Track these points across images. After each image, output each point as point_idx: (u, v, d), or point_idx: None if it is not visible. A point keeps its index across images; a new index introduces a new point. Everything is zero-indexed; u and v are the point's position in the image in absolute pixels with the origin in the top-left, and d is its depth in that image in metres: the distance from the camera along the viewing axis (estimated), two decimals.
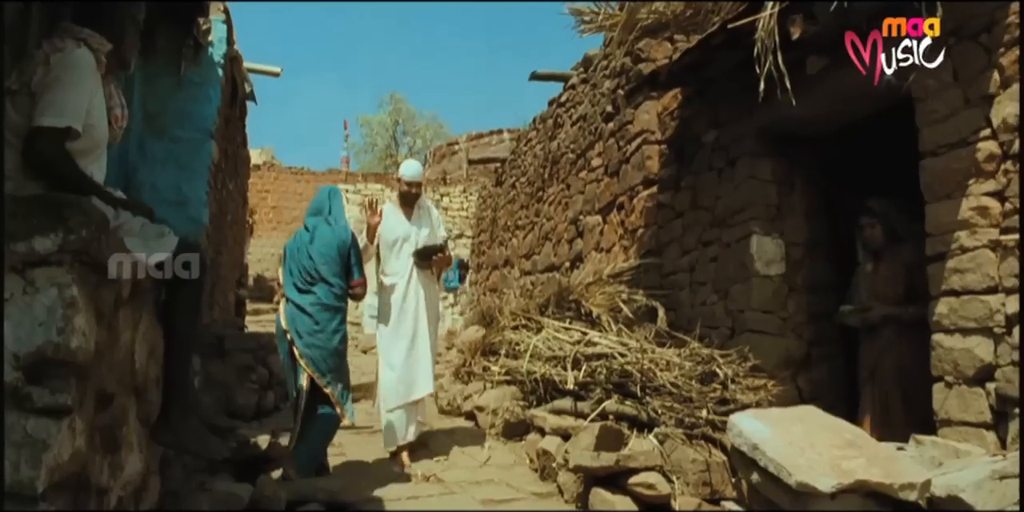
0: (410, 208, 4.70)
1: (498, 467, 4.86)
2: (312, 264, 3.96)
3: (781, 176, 4.49)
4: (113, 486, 1.74)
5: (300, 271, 3.99)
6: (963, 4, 3.04)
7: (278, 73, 7.80)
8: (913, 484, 2.30)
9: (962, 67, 3.09)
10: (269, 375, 7.03)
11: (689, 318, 4.99)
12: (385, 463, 4.98)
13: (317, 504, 2.72)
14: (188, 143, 5.92)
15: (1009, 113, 2.87)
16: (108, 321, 1.66)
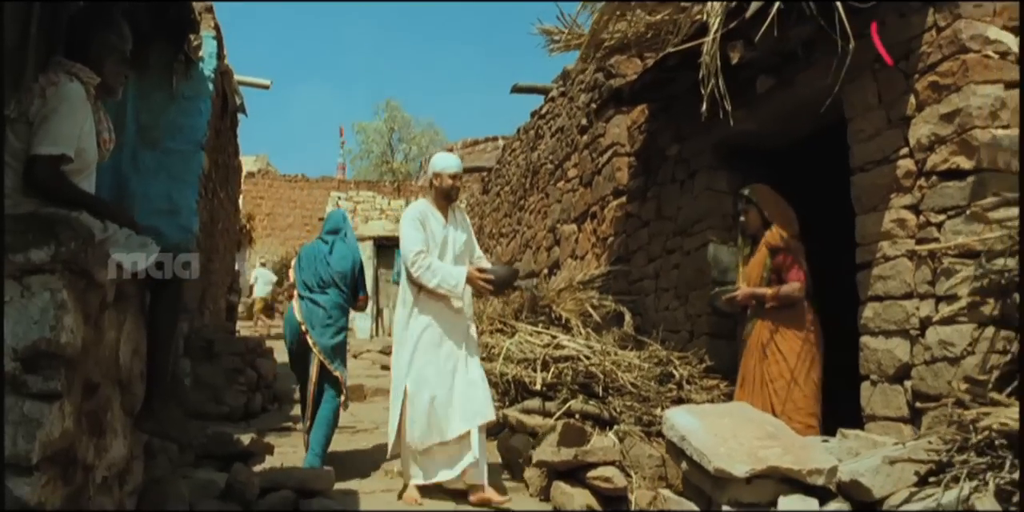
0: (446, 208, 4.07)
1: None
2: (329, 271, 4.62)
3: (737, 187, 4.75)
4: (98, 465, 1.99)
5: (316, 275, 4.64)
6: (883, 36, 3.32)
7: (268, 85, 8.08)
8: (820, 470, 2.56)
9: (885, 90, 3.37)
10: (257, 377, 7.27)
11: (654, 322, 5.25)
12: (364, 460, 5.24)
13: (288, 490, 2.97)
14: (179, 154, 6.15)
15: (922, 134, 3.14)
16: (94, 321, 1.92)
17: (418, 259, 3.83)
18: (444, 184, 4.05)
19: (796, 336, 3.57)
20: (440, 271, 3.83)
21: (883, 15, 3.35)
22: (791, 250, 3.73)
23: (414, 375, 3.86)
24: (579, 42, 4.71)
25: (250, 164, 23.13)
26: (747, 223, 4.03)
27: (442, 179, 4.05)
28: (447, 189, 4.05)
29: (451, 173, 4.05)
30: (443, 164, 4.10)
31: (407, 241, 3.90)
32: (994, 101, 2.93)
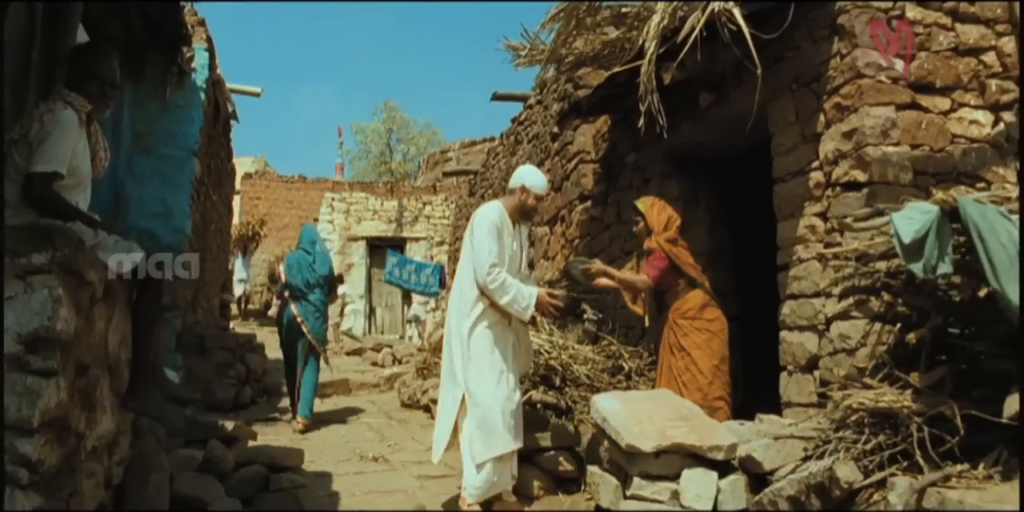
0: (519, 222, 3.92)
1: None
2: (315, 276, 6.28)
3: (687, 194, 5.14)
4: (89, 435, 2.37)
5: (304, 280, 6.26)
6: (800, 60, 3.69)
7: (258, 93, 8.45)
8: (720, 446, 2.93)
9: (801, 109, 3.74)
10: (247, 371, 7.66)
11: (613, 319, 5.62)
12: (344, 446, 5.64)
13: (260, 465, 3.35)
14: (172, 160, 6.51)
15: (829, 149, 3.51)
16: (85, 313, 2.29)
17: (492, 272, 3.61)
18: (528, 202, 3.84)
19: (699, 332, 3.91)
20: (512, 289, 3.63)
21: (799, 41, 3.73)
22: (664, 252, 4.01)
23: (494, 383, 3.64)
24: (540, 58, 5.07)
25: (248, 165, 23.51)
26: (638, 231, 4.30)
27: (528, 196, 3.82)
28: (530, 208, 3.89)
29: (538, 194, 3.85)
30: (532, 181, 3.86)
31: (483, 251, 3.65)
32: (885, 121, 3.30)
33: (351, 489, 4.33)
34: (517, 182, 3.90)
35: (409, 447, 5.67)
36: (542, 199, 3.94)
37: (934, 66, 3.44)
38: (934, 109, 3.42)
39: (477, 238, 3.70)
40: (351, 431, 6.38)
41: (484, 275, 3.61)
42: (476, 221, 3.78)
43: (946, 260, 2.33)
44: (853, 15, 3.38)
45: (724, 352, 3.92)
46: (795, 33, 3.70)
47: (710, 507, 2.80)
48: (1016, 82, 3.51)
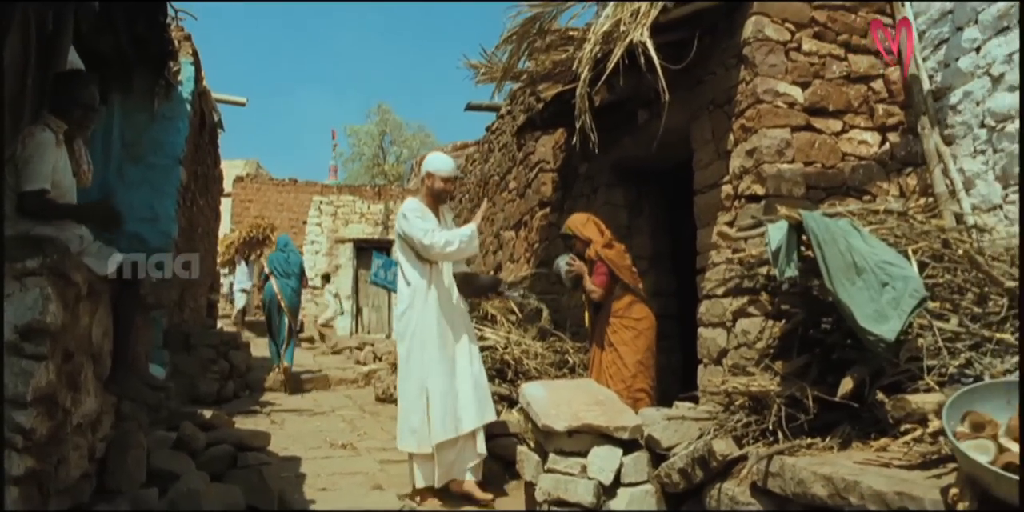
0: (438, 208, 4.11)
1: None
2: (289, 267, 8.91)
3: (631, 202, 5.58)
4: (75, 412, 2.79)
5: (283, 270, 8.86)
6: (715, 84, 4.13)
7: (244, 103, 8.88)
8: (625, 427, 3.37)
9: (716, 128, 4.19)
10: (230, 367, 8.09)
11: (567, 318, 6.06)
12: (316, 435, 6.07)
13: (229, 445, 3.78)
14: (160, 168, 6.93)
15: (736, 165, 3.96)
16: (71, 309, 2.72)
17: (430, 235, 3.81)
18: (436, 186, 3.99)
19: (626, 329, 4.35)
20: (454, 234, 3.89)
21: (714, 68, 4.17)
22: (602, 259, 4.43)
23: (424, 369, 3.86)
24: (495, 76, 5.51)
25: (240, 168, 23.90)
26: (577, 249, 4.63)
27: (434, 180, 3.98)
28: (438, 191, 4.01)
29: (444, 176, 3.99)
30: (436, 166, 4.01)
31: (416, 227, 3.85)
32: (780, 142, 3.75)
33: (317, 471, 4.78)
34: (423, 170, 4.08)
35: (377, 436, 6.11)
36: (450, 181, 4.01)
37: (827, 92, 3.89)
38: (827, 130, 3.86)
39: (405, 226, 3.89)
40: (325, 422, 6.81)
41: (425, 239, 3.80)
42: (398, 217, 4.04)
43: (791, 266, 2.77)
44: (755, 47, 3.82)
45: (649, 348, 4.35)
46: (711, 60, 4.15)
47: (611, 479, 3.23)
48: (901, 107, 3.96)
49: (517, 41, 5.15)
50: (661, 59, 3.91)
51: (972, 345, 2.83)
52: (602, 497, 3.23)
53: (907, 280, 2.69)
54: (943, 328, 2.80)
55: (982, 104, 3.65)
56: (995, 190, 3.60)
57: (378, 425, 6.66)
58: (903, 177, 3.90)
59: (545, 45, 5.21)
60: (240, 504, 3.54)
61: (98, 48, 5.43)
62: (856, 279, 2.72)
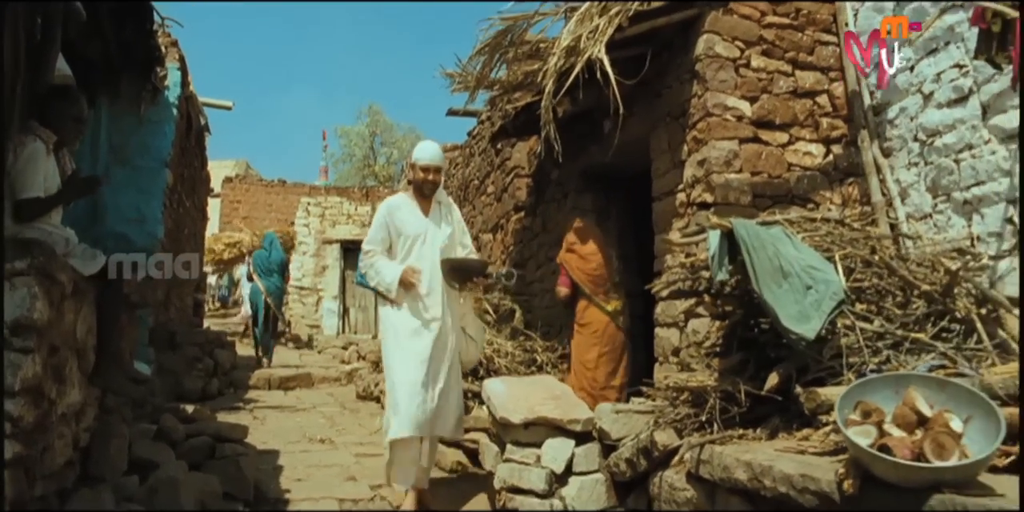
0: (427, 201, 3.90)
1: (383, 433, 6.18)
2: (270, 265, 9.93)
3: (600, 207, 5.82)
4: (60, 402, 3.00)
5: (264, 267, 9.94)
6: (671, 98, 4.38)
7: (230, 107, 9.08)
8: (578, 419, 3.60)
9: (672, 139, 4.43)
10: (215, 365, 8.29)
11: (540, 318, 6.30)
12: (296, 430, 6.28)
13: (207, 437, 3.99)
14: (146, 171, 7.13)
15: (689, 174, 4.20)
16: (57, 306, 2.93)
17: (365, 258, 3.84)
18: (416, 177, 3.87)
19: (579, 333, 4.60)
20: (381, 271, 3.80)
21: (671, 82, 4.41)
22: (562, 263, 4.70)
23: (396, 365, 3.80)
24: (469, 85, 5.73)
25: (230, 169, 24.06)
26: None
27: (414, 171, 3.88)
28: (417, 182, 3.87)
29: (421, 164, 3.84)
30: (416, 155, 3.90)
31: (370, 233, 3.91)
32: (728, 153, 3.99)
33: (294, 463, 5.00)
34: (409, 162, 4.02)
35: (355, 432, 6.33)
36: (428, 170, 3.83)
37: (774, 106, 4.14)
38: (774, 142, 4.11)
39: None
40: (306, 419, 7.02)
41: (360, 262, 3.91)
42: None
43: (723, 269, 3.01)
44: (706, 63, 4.06)
45: (603, 348, 4.59)
46: (668, 75, 4.39)
47: (563, 468, 3.46)
48: (844, 120, 4.21)
49: (489, 52, 5.38)
50: (618, 74, 4.15)
51: (892, 344, 3.07)
52: (554, 484, 3.46)
53: (828, 283, 2.93)
54: (865, 328, 3.05)
55: (915, 119, 3.91)
56: (926, 200, 3.85)
57: (356, 421, 6.88)
58: (845, 187, 4.15)
59: (516, 56, 5.44)
60: (217, 492, 3.76)
61: (86, 54, 5.63)
62: (783, 282, 2.96)
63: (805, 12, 4.26)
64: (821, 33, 4.29)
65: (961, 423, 2.09)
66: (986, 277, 3.47)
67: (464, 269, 3.90)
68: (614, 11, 3.98)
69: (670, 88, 4.41)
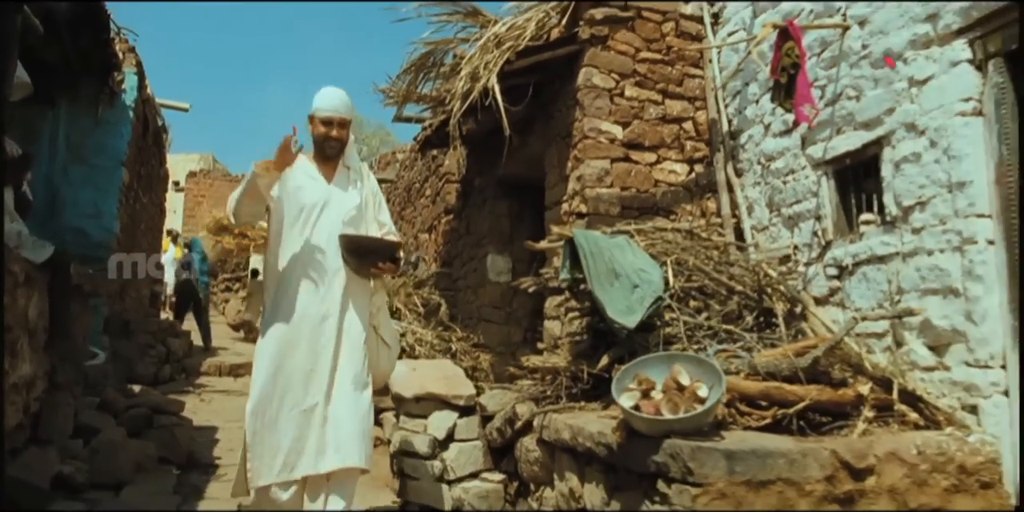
0: (330, 164, 3.12)
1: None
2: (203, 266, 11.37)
3: (514, 213, 6.48)
4: (12, 374, 3.59)
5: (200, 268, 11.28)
6: (561, 120, 5.04)
7: (187, 109, 9.59)
8: (461, 395, 4.25)
9: (560, 156, 5.09)
10: (167, 352, 8.83)
11: (463, 312, 6.94)
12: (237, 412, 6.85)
13: (146, 408, 4.59)
14: (103, 169, 7.64)
15: (571, 188, 4.87)
16: (11, 292, 3.52)
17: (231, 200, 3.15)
18: (316, 132, 3.08)
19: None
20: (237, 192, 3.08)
21: (561, 106, 5.07)
22: None
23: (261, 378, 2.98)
24: (398, 100, 6.37)
25: (195, 163, 24.39)
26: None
27: (313, 124, 3.08)
28: (318, 139, 3.08)
29: (323, 116, 3.06)
30: (316, 103, 3.07)
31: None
32: (600, 171, 4.66)
33: (230, 437, 5.59)
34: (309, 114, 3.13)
35: None
36: (331, 124, 3.05)
37: (644, 130, 4.82)
38: (642, 162, 4.79)
39: None
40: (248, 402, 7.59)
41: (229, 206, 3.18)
42: None
43: (565, 271, 3.68)
44: (585, 92, 4.73)
45: None
46: (559, 100, 5.06)
47: (444, 436, 4.11)
48: (706, 143, 4.90)
49: (415, 72, 6.02)
50: (521, 96, 4.81)
51: (712, 334, 3.76)
52: (436, 449, 4.11)
53: (651, 283, 3.61)
54: (687, 321, 3.74)
55: (759, 146, 4.61)
56: (765, 214, 4.56)
57: None
58: (704, 201, 4.85)
59: (438, 75, 6.08)
60: (153, 455, 4.37)
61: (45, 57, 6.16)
62: (615, 282, 3.63)
63: (676, 49, 4.93)
64: (690, 67, 4.98)
65: (707, 389, 2.78)
66: (800, 280, 4.18)
67: (364, 249, 3.03)
68: (506, 46, 4.63)
69: (560, 112, 5.07)
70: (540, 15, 4.94)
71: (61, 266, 3.93)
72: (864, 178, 3.85)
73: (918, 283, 3.37)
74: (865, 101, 3.73)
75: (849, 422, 3.10)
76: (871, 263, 3.69)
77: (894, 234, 3.53)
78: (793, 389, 3.11)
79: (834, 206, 4.01)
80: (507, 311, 6.37)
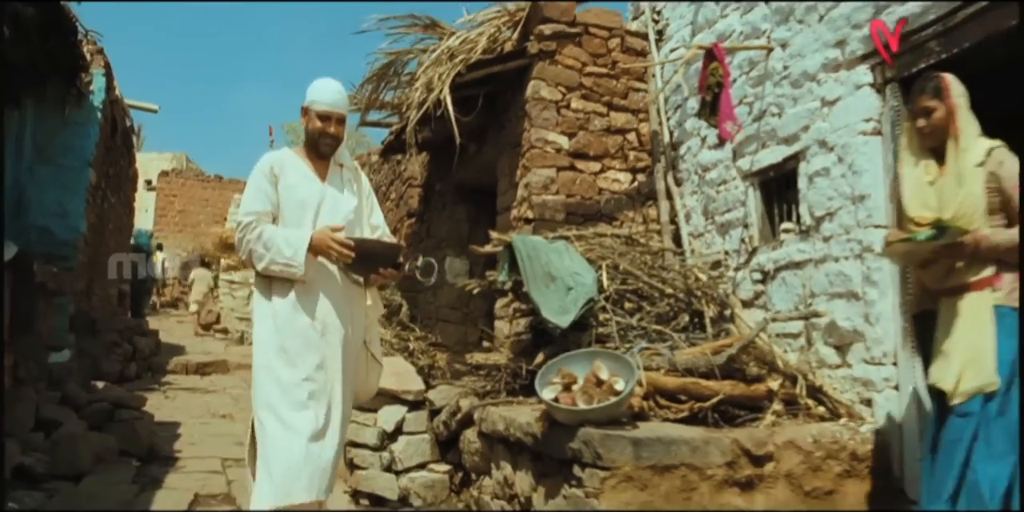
0: (323, 163, 2.83)
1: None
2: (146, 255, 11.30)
3: (472, 217, 6.72)
4: None
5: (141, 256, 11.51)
6: (512, 130, 5.29)
7: (156, 110, 9.73)
8: (410, 391, 4.48)
9: (511, 164, 5.34)
10: (133, 350, 8.95)
11: (423, 312, 7.17)
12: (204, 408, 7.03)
13: (107, 403, 4.76)
14: (70, 169, 7.74)
15: (519, 194, 5.12)
16: None
17: (245, 231, 2.66)
18: (312, 127, 2.77)
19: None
20: (274, 240, 2.62)
21: (512, 117, 5.33)
22: None
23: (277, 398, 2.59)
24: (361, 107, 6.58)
25: (167, 162, 24.35)
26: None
27: (309, 118, 2.78)
28: (313, 135, 2.78)
29: (321, 110, 2.74)
30: (314, 95, 2.77)
31: (242, 205, 2.77)
32: (546, 179, 4.92)
33: (192, 432, 5.78)
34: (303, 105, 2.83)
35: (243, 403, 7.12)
36: (330, 119, 2.75)
37: (589, 141, 5.08)
38: (587, 170, 5.05)
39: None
40: (214, 399, 7.77)
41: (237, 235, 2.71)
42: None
43: (503, 273, 3.93)
44: (532, 104, 4.99)
45: None
46: (510, 111, 5.31)
47: (393, 428, 4.34)
48: (649, 154, 5.18)
49: (376, 81, 6.24)
50: (477, 106, 5.05)
51: (642, 334, 4.03)
52: (385, 440, 4.34)
53: (584, 286, 3.87)
54: (620, 321, 4.00)
55: (696, 157, 4.90)
56: (701, 221, 4.84)
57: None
58: (646, 208, 5.12)
59: (399, 84, 6.31)
60: (113, 448, 4.55)
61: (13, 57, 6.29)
62: (551, 284, 3.89)
63: (622, 64, 5.21)
64: (634, 81, 5.25)
65: (624, 383, 3.04)
66: (730, 284, 4.47)
67: (375, 255, 2.74)
68: (458, 59, 4.88)
69: (511, 122, 5.32)
70: (492, 30, 5.19)
71: (25, 264, 4.10)
72: (786, 189, 4.14)
73: (827, 287, 3.67)
74: (785, 118, 4.03)
75: (761, 415, 3.38)
76: (789, 269, 3.98)
77: (808, 242, 3.83)
78: (709, 384, 3.39)
79: (759, 215, 4.30)
80: (464, 312, 6.61)
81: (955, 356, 2.45)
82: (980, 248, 2.43)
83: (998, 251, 2.43)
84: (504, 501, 3.63)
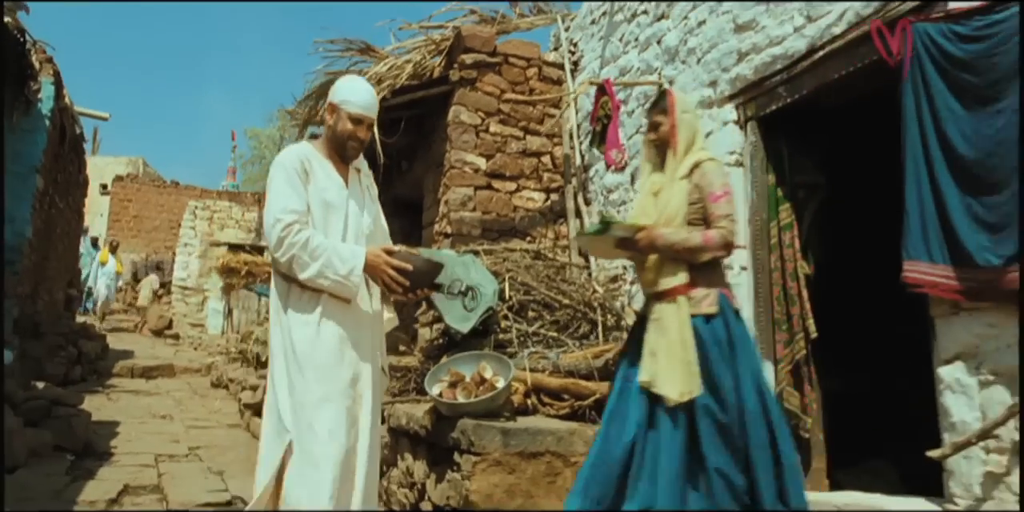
0: (345, 167, 2.59)
1: (220, 413, 7.28)
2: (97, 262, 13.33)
3: (406, 230, 7.11)
4: None
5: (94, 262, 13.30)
6: (436, 150, 5.71)
7: (106, 117, 9.95)
8: None
9: (435, 182, 5.76)
10: (79, 354, 9.14)
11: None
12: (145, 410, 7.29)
13: (44, 400, 5.04)
14: (16, 176, 7.94)
15: (441, 211, 5.54)
16: None
17: (287, 234, 2.36)
18: (342, 129, 2.52)
19: None
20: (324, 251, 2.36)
21: (438, 138, 5.74)
22: None
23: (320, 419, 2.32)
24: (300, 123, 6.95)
25: (122, 167, 24.30)
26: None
27: (339, 118, 2.52)
28: (341, 137, 2.53)
29: (355, 113, 2.50)
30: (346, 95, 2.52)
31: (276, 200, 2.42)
32: (464, 197, 5.34)
33: (130, 431, 6.06)
34: (328, 101, 2.59)
35: (197, 411, 7.42)
36: (362, 123, 2.50)
37: (506, 162, 5.52)
38: (503, 190, 5.49)
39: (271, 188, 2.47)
40: (156, 401, 8.02)
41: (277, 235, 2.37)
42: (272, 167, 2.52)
43: None
44: (453, 127, 5.42)
45: None
46: (436, 132, 5.73)
47: None
48: (561, 175, 5.64)
49: (315, 99, 6.62)
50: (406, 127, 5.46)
51: (540, 340, 4.46)
52: None
53: (485, 295, 4.29)
54: (519, 328, 4.43)
55: (602, 179, 5.36)
56: None
57: (202, 404, 7.94)
58: (558, 226, 5.57)
59: None
60: (48, 443, 4.84)
61: None
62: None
63: (538, 91, 5.67)
64: (550, 108, 5.71)
65: (504, 381, 3.46)
66: (626, 296, 4.93)
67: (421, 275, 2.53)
68: (385, 84, 5.29)
69: (435, 143, 5.74)
70: (419, 57, 5.61)
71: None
72: None
73: None
74: None
75: None
76: None
77: None
78: (588, 385, 3.82)
79: None
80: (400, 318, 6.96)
81: (661, 359, 2.52)
82: (656, 245, 2.54)
83: (673, 250, 2.52)
84: (407, 489, 4.01)
